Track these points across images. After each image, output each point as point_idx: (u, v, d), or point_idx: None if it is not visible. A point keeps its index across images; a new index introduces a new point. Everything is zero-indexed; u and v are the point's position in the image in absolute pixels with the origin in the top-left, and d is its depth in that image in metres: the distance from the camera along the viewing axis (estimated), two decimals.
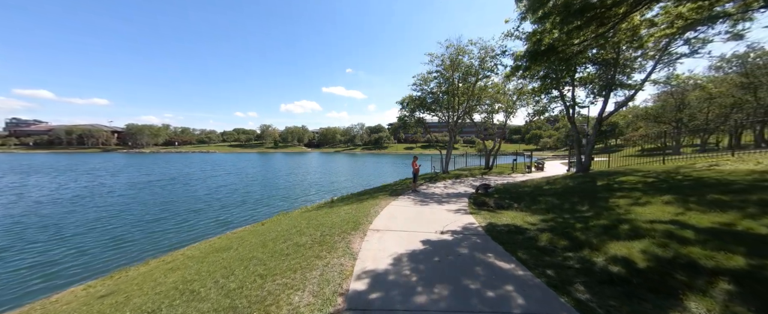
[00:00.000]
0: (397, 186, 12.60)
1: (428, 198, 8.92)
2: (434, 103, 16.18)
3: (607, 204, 6.41)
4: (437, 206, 7.70)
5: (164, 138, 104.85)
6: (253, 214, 12.38)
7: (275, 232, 6.32)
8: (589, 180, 9.88)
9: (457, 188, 11.53)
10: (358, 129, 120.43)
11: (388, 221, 5.96)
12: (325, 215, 7.11)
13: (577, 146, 13.53)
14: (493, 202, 8.34)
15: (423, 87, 15.64)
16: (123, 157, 60.03)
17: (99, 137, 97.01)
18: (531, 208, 7.39)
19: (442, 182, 13.53)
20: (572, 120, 13.57)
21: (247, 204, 13.98)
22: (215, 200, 14.38)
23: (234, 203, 14.07)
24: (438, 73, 14.80)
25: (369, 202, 8.29)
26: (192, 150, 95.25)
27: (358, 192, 14.54)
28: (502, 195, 9.19)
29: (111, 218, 11.20)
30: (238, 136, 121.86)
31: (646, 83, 11.66)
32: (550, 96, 14.60)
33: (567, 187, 9.41)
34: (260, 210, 13.05)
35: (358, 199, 9.76)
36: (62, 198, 14.91)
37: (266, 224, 8.47)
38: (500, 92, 16.14)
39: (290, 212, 10.32)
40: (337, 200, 11.67)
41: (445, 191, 10.50)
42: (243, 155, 78.29)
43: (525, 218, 6.05)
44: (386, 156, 75.48)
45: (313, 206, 11.02)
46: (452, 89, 14.76)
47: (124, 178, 24.07)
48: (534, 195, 8.81)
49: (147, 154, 77.26)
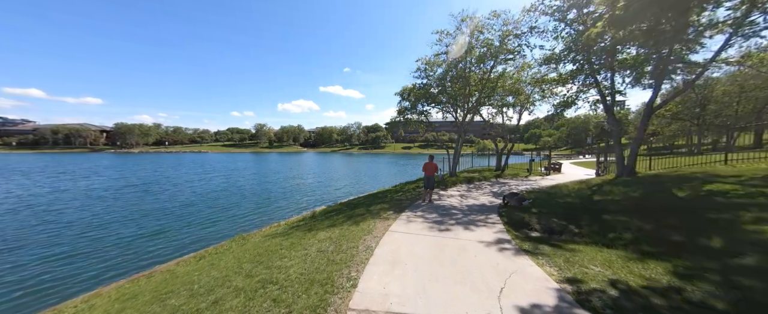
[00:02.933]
0: (400, 194, 10.06)
1: (446, 215, 6.40)
2: (442, 93, 13.63)
3: (748, 233, 3.92)
4: (463, 231, 5.18)
5: (155, 138, 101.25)
6: (213, 233, 9.52)
7: (181, 291, 3.74)
8: (655, 188, 7.42)
9: (477, 196, 9.01)
10: (355, 128, 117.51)
11: (389, 274, 3.42)
12: (288, 249, 4.56)
13: (617, 145, 11.08)
14: (538, 223, 5.83)
15: (428, 73, 12.99)
16: (109, 157, 56.95)
17: (87, 137, 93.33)
18: (605, 236, 4.89)
19: (454, 188, 11.02)
20: (610, 111, 11.13)
21: (213, 221, 11.06)
22: (178, 218, 11.45)
23: (200, 220, 11.15)
24: (448, 55, 12.19)
25: (362, 224, 5.73)
26: (183, 150, 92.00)
27: (351, 200, 11.98)
28: (543, 210, 6.70)
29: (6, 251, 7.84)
30: (231, 135, 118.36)
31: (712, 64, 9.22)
32: (581, 84, 12.14)
33: (631, 198, 6.94)
34: (224, 227, 10.18)
35: (349, 215, 7.20)
36: None
37: (191, 265, 5.62)
38: (519, 81, 13.49)
39: (250, 236, 7.57)
40: (320, 214, 9.06)
41: (463, 203, 7.97)
42: (236, 155, 75.31)
43: (628, 269, 3.51)
44: (384, 156, 72.97)
45: (287, 224, 8.41)
46: (464, 74, 12.17)
47: (87, 184, 21.19)
48: (592, 212, 6.32)
49: (135, 154, 74.04)
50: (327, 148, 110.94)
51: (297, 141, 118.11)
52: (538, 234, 5.26)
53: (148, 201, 14.79)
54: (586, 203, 7.22)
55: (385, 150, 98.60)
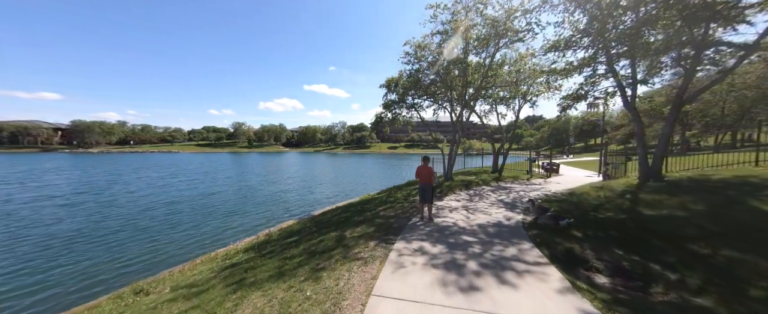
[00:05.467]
0: (387, 207, 7.89)
1: (458, 247, 4.29)
2: (434, 84, 11.60)
3: None
4: (497, 287, 3.06)
5: (119, 136, 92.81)
6: (115, 275, 6.51)
7: None
8: (717, 199, 5.73)
9: (486, 208, 7.01)
10: (340, 128, 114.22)
11: None
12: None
13: (640, 142, 9.52)
14: (595, 257, 3.86)
15: (419, 55, 10.81)
16: (57, 158, 50.52)
17: (38, 135, 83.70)
18: (732, 288, 2.98)
19: (452, 195, 9.01)
20: (631, 104, 9.56)
21: (122, 252, 7.81)
22: (84, 244, 8.28)
23: (108, 251, 7.38)
24: (443, 35, 10.12)
25: (326, 278, 3.48)
26: (151, 150, 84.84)
27: (325, 213, 9.65)
28: (588, 231, 4.77)
29: None
30: (207, 134, 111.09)
31: None
32: (594, 73, 10.55)
33: (697, 213, 5.17)
34: (134, 262, 7.02)
35: (312, 248, 4.92)
36: None
37: None
38: (520, 72, 11.59)
39: (145, 290, 4.82)
40: (277, 237, 6.64)
41: (472, 220, 5.92)
42: (211, 155, 70.07)
43: None
44: (369, 156, 70.65)
45: (225, 256, 5.91)
46: (461, 59, 10.17)
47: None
48: (661, 236, 4.45)
49: (94, 154, 66.97)
50: (310, 148, 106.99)
51: (279, 141, 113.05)
52: (613, 282, 3.28)
53: (60, 218, 11.34)
54: (637, 219, 5.40)
55: (371, 150, 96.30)
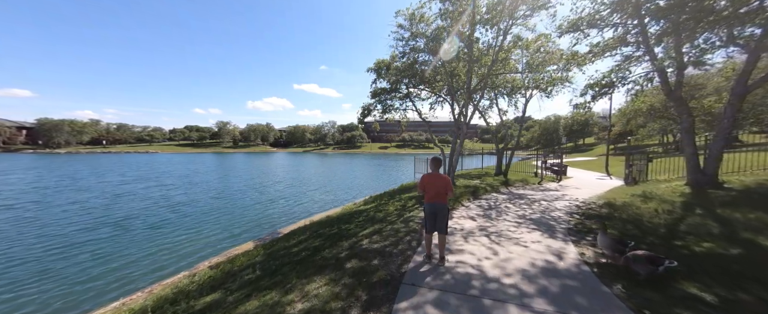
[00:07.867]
0: (375, 229, 5.73)
1: None
2: (439, 67, 9.50)
3: None
4: None
5: (92, 136, 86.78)
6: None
7: None
8: None
9: (513, 231, 4.96)
10: (330, 127, 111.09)
11: None
12: None
13: (689, 140, 7.70)
14: None
15: (416, 31, 8.63)
16: (16, 159, 45.93)
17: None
18: None
19: (460, 208, 6.94)
20: (675, 91, 7.75)
21: (25, 293, 5.61)
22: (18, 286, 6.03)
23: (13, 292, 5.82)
24: (445, 11, 8.04)
25: None
26: (127, 150, 79.60)
27: (290, 235, 7.34)
28: (704, 285, 2.78)
29: None
30: (189, 134, 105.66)
31: None
32: (623, 57, 8.73)
33: None
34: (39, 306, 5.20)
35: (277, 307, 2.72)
36: None
37: None
38: (545, 48, 9.66)
39: None
40: (198, 287, 4.35)
41: (504, 264, 3.82)
42: (193, 156, 65.93)
43: None
44: (360, 156, 68.26)
45: None
46: (467, 35, 8.11)
47: None
48: None
49: (61, 155, 61.85)
50: (299, 148, 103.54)
51: (266, 141, 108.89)
52: None
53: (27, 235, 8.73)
54: (754, 255, 3.45)
55: (362, 150, 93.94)
